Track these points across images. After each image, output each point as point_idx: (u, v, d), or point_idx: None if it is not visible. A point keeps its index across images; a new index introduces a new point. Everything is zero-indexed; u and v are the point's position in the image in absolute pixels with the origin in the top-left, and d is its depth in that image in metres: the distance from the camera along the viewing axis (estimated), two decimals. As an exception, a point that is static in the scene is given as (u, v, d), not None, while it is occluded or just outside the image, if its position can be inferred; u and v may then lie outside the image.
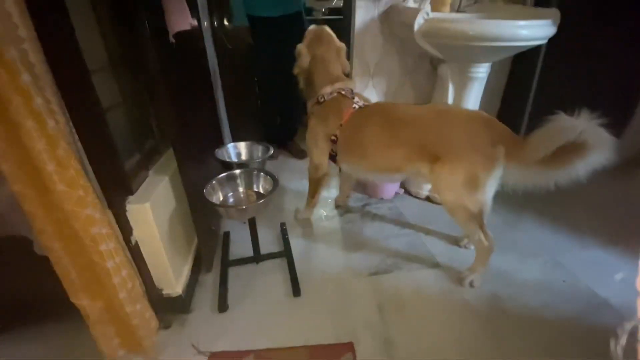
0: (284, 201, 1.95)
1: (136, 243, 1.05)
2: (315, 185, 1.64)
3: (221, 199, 1.33)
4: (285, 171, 2.28)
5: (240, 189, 1.38)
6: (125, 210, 1.00)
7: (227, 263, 1.46)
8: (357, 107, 1.41)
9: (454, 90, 1.69)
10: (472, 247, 1.55)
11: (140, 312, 1.09)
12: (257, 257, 1.48)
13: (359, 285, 1.36)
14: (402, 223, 1.75)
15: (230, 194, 1.37)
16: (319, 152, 1.53)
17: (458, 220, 1.29)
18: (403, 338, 1.15)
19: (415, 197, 1.98)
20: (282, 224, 1.70)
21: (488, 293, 1.32)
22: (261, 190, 1.37)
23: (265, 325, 1.20)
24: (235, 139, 2.35)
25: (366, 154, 1.39)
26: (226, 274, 1.40)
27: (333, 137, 1.45)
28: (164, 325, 1.19)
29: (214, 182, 1.31)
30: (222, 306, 1.26)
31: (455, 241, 1.60)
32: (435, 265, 1.47)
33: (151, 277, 1.14)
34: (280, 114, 2.46)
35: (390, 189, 1.96)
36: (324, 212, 1.85)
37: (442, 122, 1.24)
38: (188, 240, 1.39)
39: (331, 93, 1.45)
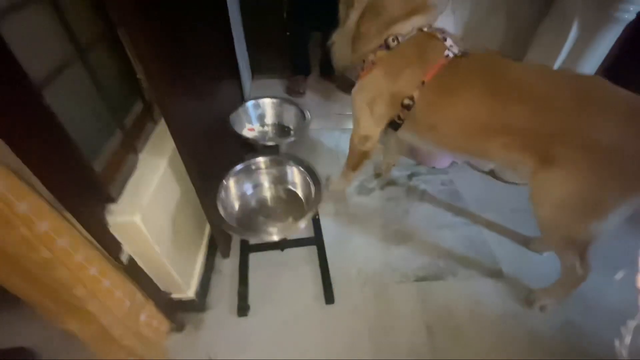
0: (316, 161, 1.61)
1: (130, 259, 0.80)
2: (359, 159, 1.27)
3: (236, 208, 1.03)
4: (322, 113, 1.87)
5: (266, 184, 1.07)
6: (105, 227, 0.71)
7: (247, 249, 1.23)
8: (450, 55, 0.95)
9: (578, 33, 1.14)
10: (547, 253, 1.25)
11: (146, 322, 0.92)
12: (282, 243, 1.24)
13: (403, 294, 1.14)
14: (458, 209, 1.42)
15: (251, 191, 1.07)
16: (374, 120, 1.11)
17: (552, 243, 0.96)
18: (455, 374, 0.96)
19: (476, 169, 1.60)
20: (312, 198, 1.41)
21: (561, 320, 1.08)
22: (296, 190, 1.07)
23: (290, 336, 1.03)
24: (257, 73, 1.89)
25: (451, 131, 0.98)
26: (246, 265, 1.19)
27: (407, 101, 1.01)
28: (177, 328, 1.04)
29: (230, 180, 1.00)
30: (242, 310, 1.07)
31: (525, 241, 1.29)
32: (498, 273, 1.20)
33: (155, 285, 0.93)
34: (324, 33, 1.91)
35: (446, 157, 1.58)
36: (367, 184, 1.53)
37: (585, 106, 0.78)
38: (199, 226, 1.14)
39: (411, 31, 0.97)
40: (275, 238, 0.93)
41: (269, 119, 1.18)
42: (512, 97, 0.85)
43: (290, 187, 1.05)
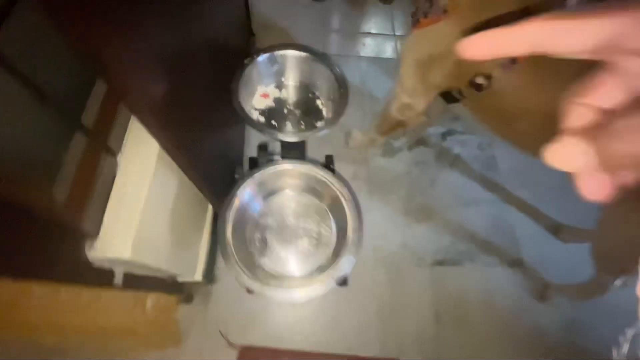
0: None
1: (126, 275, 0.68)
2: (392, 126, 1.03)
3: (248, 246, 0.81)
4: (346, 30, 1.47)
5: (290, 215, 0.84)
6: (89, 265, 0.56)
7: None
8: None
9: None
10: (573, 244, 1.18)
11: (153, 305, 0.88)
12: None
13: (418, 278, 1.10)
14: (490, 182, 1.27)
15: (269, 219, 0.83)
16: (424, 87, 0.84)
17: (605, 270, 0.86)
18: (455, 362, 1.02)
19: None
20: (329, 157, 1.21)
21: (567, 319, 1.09)
22: (330, 229, 0.84)
23: (302, 316, 1.04)
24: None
25: (541, 134, 0.73)
26: (255, 236, 1.10)
27: (481, 80, 0.72)
28: (185, 299, 1.01)
29: (231, 210, 0.76)
30: (252, 287, 1.04)
31: (555, 229, 1.20)
32: (518, 263, 1.15)
33: (158, 280, 0.85)
34: None
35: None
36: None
37: None
38: (202, 205, 0.99)
39: None
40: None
41: (290, 78, 0.86)
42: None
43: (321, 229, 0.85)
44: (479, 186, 1.26)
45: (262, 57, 0.77)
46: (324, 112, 0.85)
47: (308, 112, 0.83)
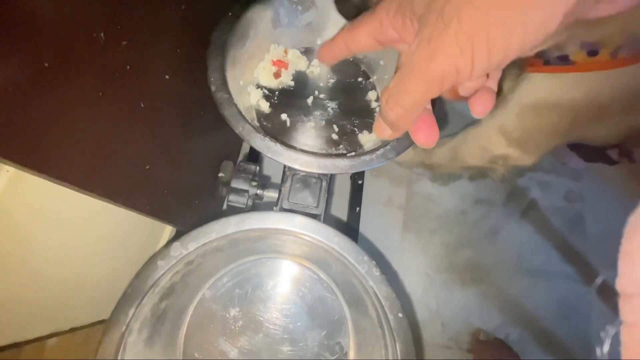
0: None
1: None
2: (461, 168, 0.70)
3: None
4: None
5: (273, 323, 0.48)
6: None
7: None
8: None
9: None
10: None
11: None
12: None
13: (443, 362, 0.80)
14: (570, 248, 0.91)
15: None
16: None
17: None
18: None
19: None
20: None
21: None
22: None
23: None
24: None
25: None
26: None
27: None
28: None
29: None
30: None
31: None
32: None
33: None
34: None
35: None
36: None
37: None
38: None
39: None
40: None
41: (330, 30, 0.49)
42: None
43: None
44: (555, 251, 0.92)
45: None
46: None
47: (352, 110, 0.47)
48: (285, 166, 0.43)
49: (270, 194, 0.45)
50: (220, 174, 0.61)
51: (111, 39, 0.31)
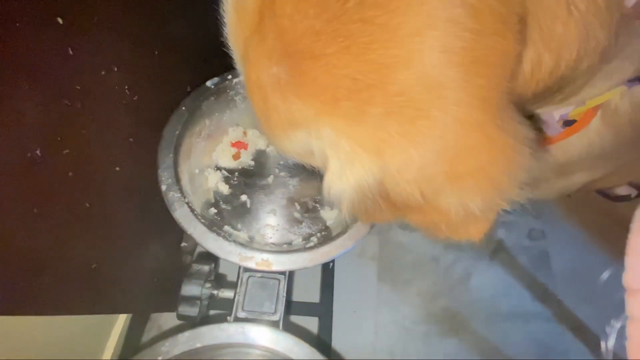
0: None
1: None
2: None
3: None
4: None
5: None
6: None
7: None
8: None
9: None
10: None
11: None
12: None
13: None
14: (539, 286, 0.94)
15: None
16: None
17: None
18: None
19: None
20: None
21: None
22: None
23: None
24: None
25: None
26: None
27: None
28: None
29: None
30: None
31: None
32: None
33: None
34: None
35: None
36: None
37: None
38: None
39: None
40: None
41: None
42: None
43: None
44: (526, 291, 0.93)
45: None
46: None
47: (314, 187, 0.48)
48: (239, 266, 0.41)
49: (226, 295, 0.43)
50: (183, 244, 0.59)
51: (49, 153, 0.30)
